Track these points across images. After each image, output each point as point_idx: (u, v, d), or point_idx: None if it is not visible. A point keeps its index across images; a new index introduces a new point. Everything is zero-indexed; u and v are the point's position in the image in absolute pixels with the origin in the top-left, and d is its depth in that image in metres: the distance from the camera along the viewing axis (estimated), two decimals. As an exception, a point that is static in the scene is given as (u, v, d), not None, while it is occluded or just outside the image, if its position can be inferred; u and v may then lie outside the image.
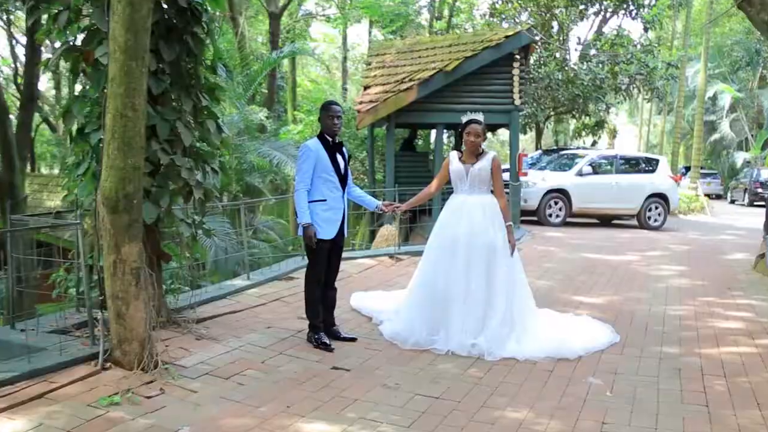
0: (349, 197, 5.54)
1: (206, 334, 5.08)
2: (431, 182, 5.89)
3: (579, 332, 5.66)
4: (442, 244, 5.53)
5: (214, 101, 5.14)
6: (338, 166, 5.15)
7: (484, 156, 5.55)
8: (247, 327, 5.49)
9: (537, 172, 16.00)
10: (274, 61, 16.63)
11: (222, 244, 12.01)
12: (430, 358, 5.07)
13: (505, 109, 13.45)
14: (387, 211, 5.64)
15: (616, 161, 16.11)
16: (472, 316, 5.30)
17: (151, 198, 4.59)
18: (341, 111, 5.20)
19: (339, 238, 5.24)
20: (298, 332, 5.43)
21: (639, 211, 15.74)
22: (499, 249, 5.42)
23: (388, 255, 9.02)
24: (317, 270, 5.17)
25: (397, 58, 15.09)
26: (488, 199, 5.56)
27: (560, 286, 8.21)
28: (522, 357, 5.14)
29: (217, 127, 5.03)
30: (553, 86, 19.98)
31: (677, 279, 8.92)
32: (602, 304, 7.21)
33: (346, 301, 6.55)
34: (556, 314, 6.26)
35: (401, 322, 5.56)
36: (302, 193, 5.02)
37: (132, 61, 3.83)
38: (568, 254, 10.89)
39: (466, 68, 13.03)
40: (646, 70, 20.02)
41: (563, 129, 28.56)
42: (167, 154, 4.62)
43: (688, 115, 34.66)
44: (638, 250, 11.67)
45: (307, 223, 4.99)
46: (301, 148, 5.12)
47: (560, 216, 15.28)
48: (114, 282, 4.03)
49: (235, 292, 6.44)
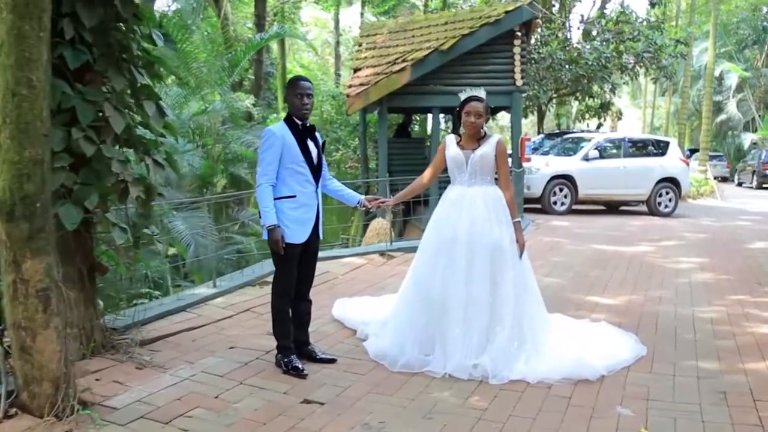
0: (326, 192, 4.66)
1: (151, 360, 4.20)
2: (424, 171, 5.01)
3: (599, 345, 4.79)
4: (437, 244, 4.65)
5: (154, 79, 4.24)
6: (310, 155, 4.26)
7: (486, 140, 4.67)
8: (204, 348, 4.61)
9: (540, 157, 15.16)
10: (258, 43, 15.64)
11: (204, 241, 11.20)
12: (424, 384, 4.19)
13: (506, 90, 12.53)
14: (371, 207, 4.75)
15: (623, 144, 15.20)
16: (474, 330, 4.43)
17: (73, 198, 3.71)
18: (311, 88, 4.30)
19: (312, 242, 4.36)
20: (266, 353, 4.55)
21: (649, 197, 14.86)
22: (506, 250, 4.55)
23: (379, 252, 8.13)
24: (286, 280, 4.29)
25: (390, 38, 14.18)
26: (492, 190, 4.68)
27: (571, 284, 7.34)
28: (534, 379, 4.27)
29: (157, 110, 4.11)
30: (555, 66, 19.02)
31: (699, 273, 8.04)
32: (620, 305, 6.35)
33: (328, 310, 5.70)
34: (571, 321, 5.40)
35: (389, 339, 4.69)
36: (265, 189, 4.14)
37: (24, 22, 2.94)
38: (576, 246, 10.01)
39: (463, 47, 12.11)
40: (653, 47, 19.03)
41: (566, 112, 27.57)
42: (92, 144, 3.72)
43: (693, 95, 33.69)
44: (652, 240, 10.81)
45: (272, 225, 4.11)
46: (263, 133, 4.22)
47: (566, 203, 14.41)
48: (15, 308, 3.15)
49: (197, 302, 5.54)
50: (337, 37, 31.84)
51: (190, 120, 15.29)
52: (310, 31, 38.77)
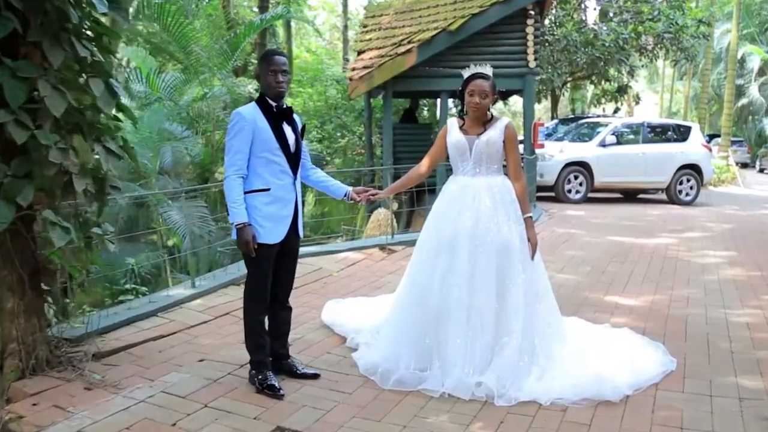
0: (308, 183, 4.08)
1: (103, 378, 3.64)
2: (422, 159, 4.40)
3: (622, 357, 4.18)
4: (436, 243, 4.05)
5: (104, 52, 3.65)
6: (286, 142, 3.66)
7: (493, 123, 4.06)
8: (171, 361, 4.05)
9: (554, 143, 14.48)
10: (258, 25, 15.01)
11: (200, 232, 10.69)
12: (418, 405, 3.61)
13: (518, 72, 11.97)
14: (360, 200, 4.16)
15: (642, 129, 14.46)
16: (477, 342, 3.83)
17: (2, 194, 3.15)
18: (287, 64, 3.69)
19: (291, 241, 3.78)
20: (240, 366, 3.98)
21: (669, 185, 14.15)
22: (516, 249, 3.94)
23: (379, 246, 7.53)
24: (259, 286, 3.70)
25: (396, 19, 13.58)
26: (499, 181, 4.07)
27: (588, 281, 6.72)
28: (547, 400, 3.67)
29: (106, 89, 3.52)
30: (570, 49, 18.25)
31: (728, 269, 7.39)
32: (643, 307, 5.73)
33: (317, 313, 5.13)
34: (589, 328, 4.80)
35: (382, 350, 4.10)
36: (234, 181, 3.56)
37: None
38: (592, 238, 9.38)
39: (472, 27, 11.53)
40: (674, 27, 18.20)
41: (581, 96, 26.75)
42: (25, 129, 3.15)
43: (713, 79, 32.70)
44: (673, 231, 10.14)
45: (241, 223, 3.53)
46: (231, 117, 3.63)
47: (581, 192, 13.75)
48: None
49: (171, 305, 4.98)
50: (345, 21, 31.11)
51: (188, 106, 14.82)
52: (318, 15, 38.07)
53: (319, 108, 17.99)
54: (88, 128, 3.71)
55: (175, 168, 13.81)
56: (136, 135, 13.71)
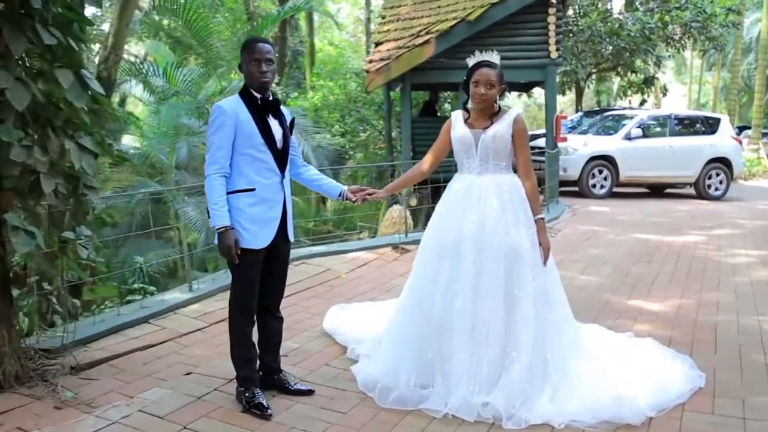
0: (300, 182, 3.77)
1: (77, 396, 3.37)
2: (424, 157, 4.06)
3: (645, 372, 3.82)
4: (438, 248, 3.72)
5: (76, 41, 3.36)
6: (272, 137, 3.35)
7: (501, 116, 3.71)
8: (154, 375, 3.77)
9: (578, 136, 14.01)
10: (276, 17, 14.73)
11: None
12: (420, 426, 3.29)
13: (539, 63, 11.60)
14: (355, 200, 3.83)
15: (669, 122, 13.93)
16: (484, 357, 3.50)
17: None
18: (272, 52, 3.37)
19: (280, 246, 3.47)
20: (228, 381, 3.68)
21: (697, 179, 13.62)
22: (525, 255, 3.59)
23: (392, 245, 7.20)
24: (245, 295, 3.41)
25: (414, 9, 13.22)
26: (508, 179, 3.72)
27: (610, 283, 6.34)
28: (561, 422, 3.33)
29: (76, 80, 3.23)
30: (595, 39, 17.70)
31: (761, 270, 6.94)
32: (669, 312, 5.34)
33: (320, 320, 4.82)
34: (608, 337, 4.43)
35: (381, 364, 3.79)
36: (215, 181, 3.26)
37: None
38: (616, 235, 8.96)
39: (492, 17, 11.17)
40: (702, 16, 17.57)
41: (606, 88, 26.04)
42: (-18, 125, 2.88)
43: (744, 69, 31.79)
44: (702, 228, 9.66)
45: (222, 227, 3.24)
46: (212, 111, 3.34)
47: (605, 186, 13.27)
48: None
49: (164, 311, 4.70)
50: (368, 13, 30.71)
51: (207, 101, 14.63)
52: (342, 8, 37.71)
53: (340, 101, 17.72)
54: (65, 123, 3.44)
55: (192, 163, 13.65)
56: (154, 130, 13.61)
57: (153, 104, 15.19)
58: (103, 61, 8.41)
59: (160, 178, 13.29)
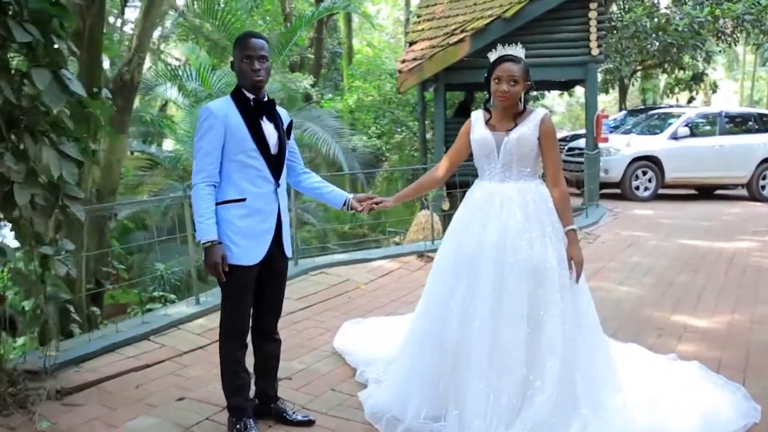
0: (301, 191, 3.46)
1: (53, 426, 3.10)
2: (440, 162, 3.69)
3: (689, 402, 3.38)
4: (453, 263, 3.36)
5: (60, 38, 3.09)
6: (264, 142, 3.03)
7: (526, 117, 3.33)
8: (144, 400, 3.49)
9: (620, 136, 13.43)
10: (311, 17, 14.52)
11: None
12: (430, 465, 2.94)
13: (579, 60, 11.13)
14: (362, 210, 3.49)
15: (719, 120, 13.25)
16: (504, 387, 3.11)
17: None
18: (266, 48, 3.05)
19: (275, 261, 3.14)
20: (222, 409, 3.36)
21: (750, 180, 12.92)
22: (551, 272, 3.19)
23: (417, 254, 6.84)
24: (235, 316, 3.09)
25: (450, 7, 12.88)
26: (533, 187, 3.33)
27: (652, 295, 5.87)
28: (590, 462, 2.94)
29: (55, 81, 2.96)
30: (640, 35, 16.99)
31: (822, 281, 6.39)
32: (718, 330, 4.87)
33: (332, 336, 4.50)
34: (648, 359, 4.00)
35: (390, 391, 3.44)
36: (202, 191, 2.96)
37: None
38: (661, 241, 8.43)
39: (530, 13, 10.75)
40: (756, 9, 16.71)
41: (652, 86, 25.20)
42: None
43: (800, 64, 30.48)
44: (755, 233, 9.06)
45: (209, 241, 2.93)
46: (200, 112, 3.04)
47: (650, 189, 12.67)
48: None
49: (167, 327, 4.44)
50: (407, 14, 30.43)
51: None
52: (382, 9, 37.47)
53: (374, 102, 17.44)
54: (52, 128, 3.19)
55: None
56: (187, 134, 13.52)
57: (187, 107, 15.16)
58: (127, 63, 8.25)
59: (190, 181, 13.22)
